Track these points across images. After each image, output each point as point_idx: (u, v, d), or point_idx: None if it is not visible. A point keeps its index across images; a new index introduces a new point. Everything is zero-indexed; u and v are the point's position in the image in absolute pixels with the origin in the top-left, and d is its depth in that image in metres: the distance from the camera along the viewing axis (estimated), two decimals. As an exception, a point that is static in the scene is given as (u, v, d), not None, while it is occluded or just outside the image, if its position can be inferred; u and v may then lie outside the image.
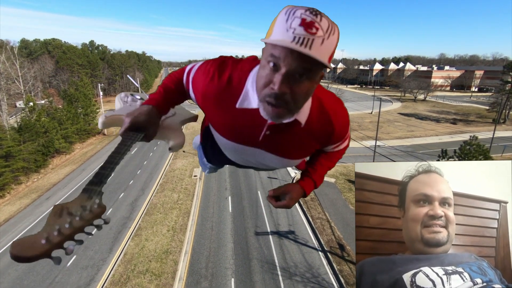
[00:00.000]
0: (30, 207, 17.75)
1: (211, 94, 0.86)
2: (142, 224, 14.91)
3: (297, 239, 13.33)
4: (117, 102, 1.29)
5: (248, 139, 0.90)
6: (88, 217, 0.55)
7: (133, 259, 12.20)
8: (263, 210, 16.04)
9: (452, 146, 25.13)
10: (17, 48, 55.51)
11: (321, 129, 0.88)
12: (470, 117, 42.50)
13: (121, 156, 0.74)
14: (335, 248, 12.54)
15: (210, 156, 1.34)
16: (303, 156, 1.00)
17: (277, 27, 0.65)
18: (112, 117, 1.03)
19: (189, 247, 13.01)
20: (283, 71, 0.66)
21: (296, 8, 0.64)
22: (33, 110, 26.37)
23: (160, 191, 18.82)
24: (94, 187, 0.62)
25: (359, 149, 25.65)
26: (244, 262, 11.95)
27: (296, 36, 0.61)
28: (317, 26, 0.61)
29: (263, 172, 20.63)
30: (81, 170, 23.52)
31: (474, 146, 14.66)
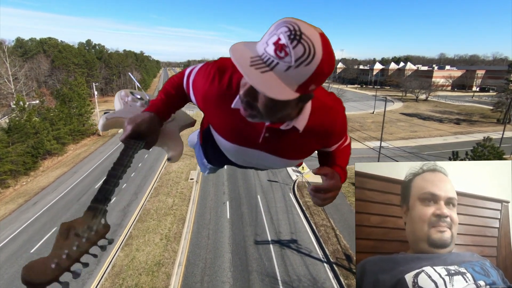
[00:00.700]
0: (16, 213, 16.71)
1: (212, 96, 0.86)
2: (133, 232, 13.90)
3: (300, 249, 12.36)
4: (116, 101, 1.21)
5: (249, 141, 0.90)
6: (94, 238, 0.57)
7: (122, 272, 11.19)
8: (263, 216, 15.07)
9: (458, 147, 24.27)
10: (12, 47, 54.55)
11: (321, 131, 0.87)
12: (473, 117, 41.77)
13: (124, 169, 0.74)
14: (341, 259, 11.57)
15: (210, 157, 1.31)
16: (304, 156, 0.99)
17: (264, 36, 0.63)
18: (113, 119, 1.02)
19: (183, 258, 12.02)
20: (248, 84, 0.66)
21: (285, 25, 0.59)
22: (23, 110, 25.31)
23: (154, 195, 17.82)
24: (99, 205, 0.62)
25: (362, 150, 24.71)
26: (242, 275, 10.97)
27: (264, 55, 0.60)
28: (287, 52, 0.58)
29: (263, 175, 19.85)
30: (72, 173, 22.48)
31: (488, 148, 13.73)
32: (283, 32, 0.58)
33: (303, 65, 0.58)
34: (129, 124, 0.86)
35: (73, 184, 20.20)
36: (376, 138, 28.34)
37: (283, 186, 18.50)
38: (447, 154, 22.72)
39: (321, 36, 0.60)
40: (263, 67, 0.59)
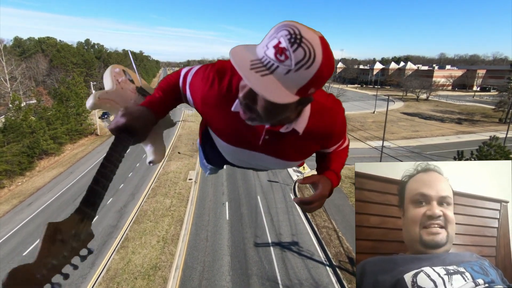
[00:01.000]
0: (10, 214, 16.31)
1: (212, 100, 0.85)
2: (129, 234, 13.50)
3: (301, 252, 11.97)
4: (107, 77, 1.11)
5: (248, 143, 0.89)
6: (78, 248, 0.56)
7: (117, 276, 10.79)
8: (263, 218, 14.68)
9: (461, 146, 23.90)
10: (10, 46, 54.12)
11: (321, 133, 0.87)
12: (475, 117, 41.45)
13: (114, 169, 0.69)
14: (344, 262, 11.18)
15: (210, 157, 1.31)
16: (304, 158, 0.99)
17: (264, 39, 0.63)
18: (105, 100, 0.97)
19: (180, 261, 11.62)
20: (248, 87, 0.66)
21: (285, 28, 0.59)
22: (19, 109, 24.89)
23: (152, 196, 17.42)
24: (88, 209, 0.60)
25: (364, 150, 24.34)
26: (242, 279, 10.58)
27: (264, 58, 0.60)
28: (287, 55, 0.57)
29: (263, 175, 19.45)
30: (68, 173, 22.09)
31: (495, 148, 13.34)
32: (284, 35, 0.58)
33: (303, 69, 0.58)
34: (125, 116, 0.80)
35: (69, 184, 19.83)
36: (378, 138, 27.97)
37: (283, 187, 18.11)
38: (450, 153, 22.37)
39: (321, 40, 0.59)
40: (263, 70, 0.59)
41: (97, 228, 13.51)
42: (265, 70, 0.59)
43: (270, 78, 0.59)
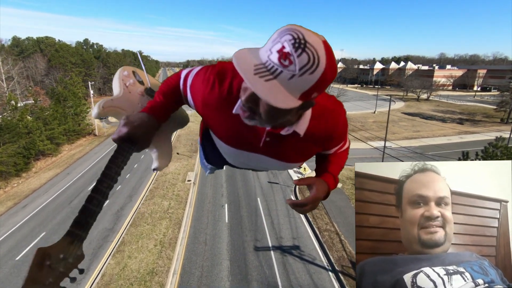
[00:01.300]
0: (4, 216, 15.93)
1: (212, 102, 0.85)
2: (126, 237, 13.14)
3: (303, 256, 11.62)
4: (116, 82, 1.12)
5: (249, 145, 0.90)
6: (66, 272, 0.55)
7: (112, 282, 10.43)
8: (263, 220, 14.32)
9: (464, 147, 23.54)
10: (8, 46, 53.74)
11: (322, 135, 0.87)
12: (476, 117, 41.15)
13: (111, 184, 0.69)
14: (347, 267, 10.83)
15: (210, 157, 1.31)
16: (304, 159, 0.99)
17: (267, 43, 0.62)
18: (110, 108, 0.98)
19: (178, 265, 11.26)
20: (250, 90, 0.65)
21: (288, 32, 0.58)
22: (15, 109, 24.51)
23: (150, 198, 17.05)
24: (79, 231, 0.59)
25: (365, 150, 23.99)
26: (242, 285, 10.23)
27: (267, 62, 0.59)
28: (291, 60, 0.57)
29: (263, 177, 19.09)
30: (65, 174, 21.70)
31: (501, 148, 12.99)
32: (287, 40, 0.57)
33: (307, 74, 0.58)
34: (126, 125, 0.82)
35: (66, 186, 19.43)
36: (379, 138, 27.64)
37: (284, 188, 17.76)
38: (453, 154, 22.06)
39: (324, 44, 0.59)
40: (267, 75, 0.59)
41: (92, 231, 13.11)
42: (269, 75, 0.58)
43: (273, 83, 0.58)
